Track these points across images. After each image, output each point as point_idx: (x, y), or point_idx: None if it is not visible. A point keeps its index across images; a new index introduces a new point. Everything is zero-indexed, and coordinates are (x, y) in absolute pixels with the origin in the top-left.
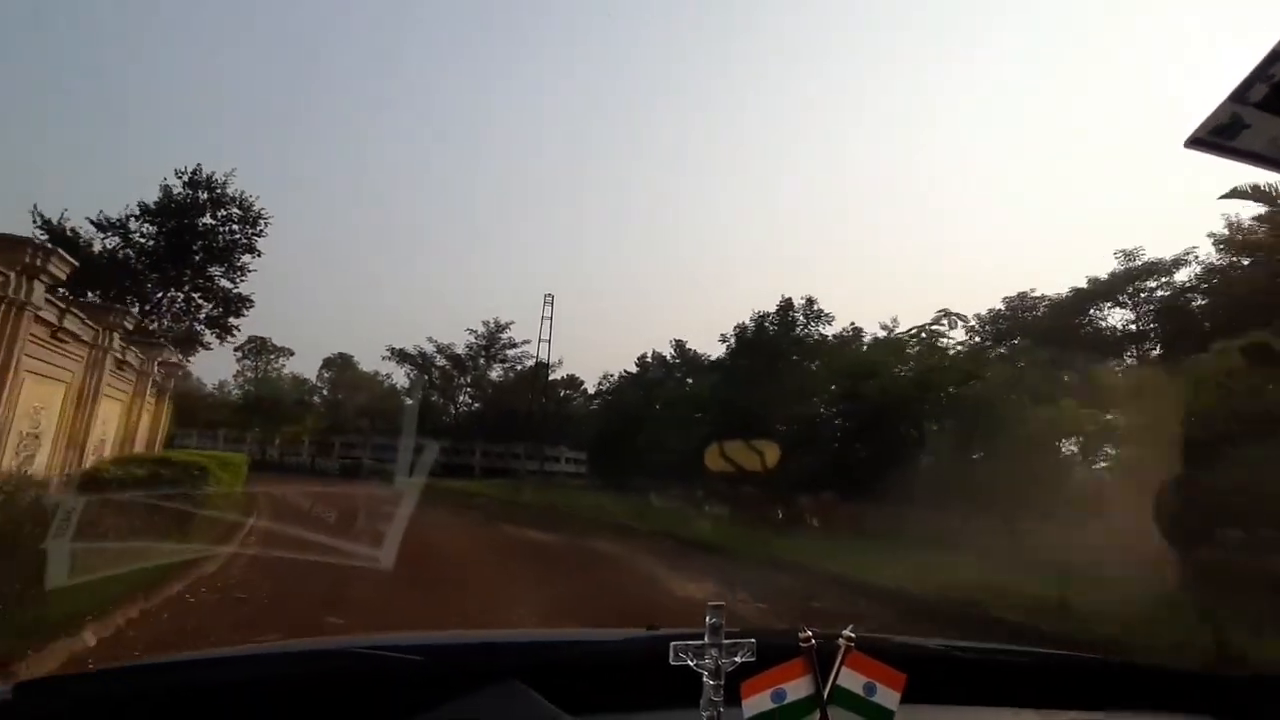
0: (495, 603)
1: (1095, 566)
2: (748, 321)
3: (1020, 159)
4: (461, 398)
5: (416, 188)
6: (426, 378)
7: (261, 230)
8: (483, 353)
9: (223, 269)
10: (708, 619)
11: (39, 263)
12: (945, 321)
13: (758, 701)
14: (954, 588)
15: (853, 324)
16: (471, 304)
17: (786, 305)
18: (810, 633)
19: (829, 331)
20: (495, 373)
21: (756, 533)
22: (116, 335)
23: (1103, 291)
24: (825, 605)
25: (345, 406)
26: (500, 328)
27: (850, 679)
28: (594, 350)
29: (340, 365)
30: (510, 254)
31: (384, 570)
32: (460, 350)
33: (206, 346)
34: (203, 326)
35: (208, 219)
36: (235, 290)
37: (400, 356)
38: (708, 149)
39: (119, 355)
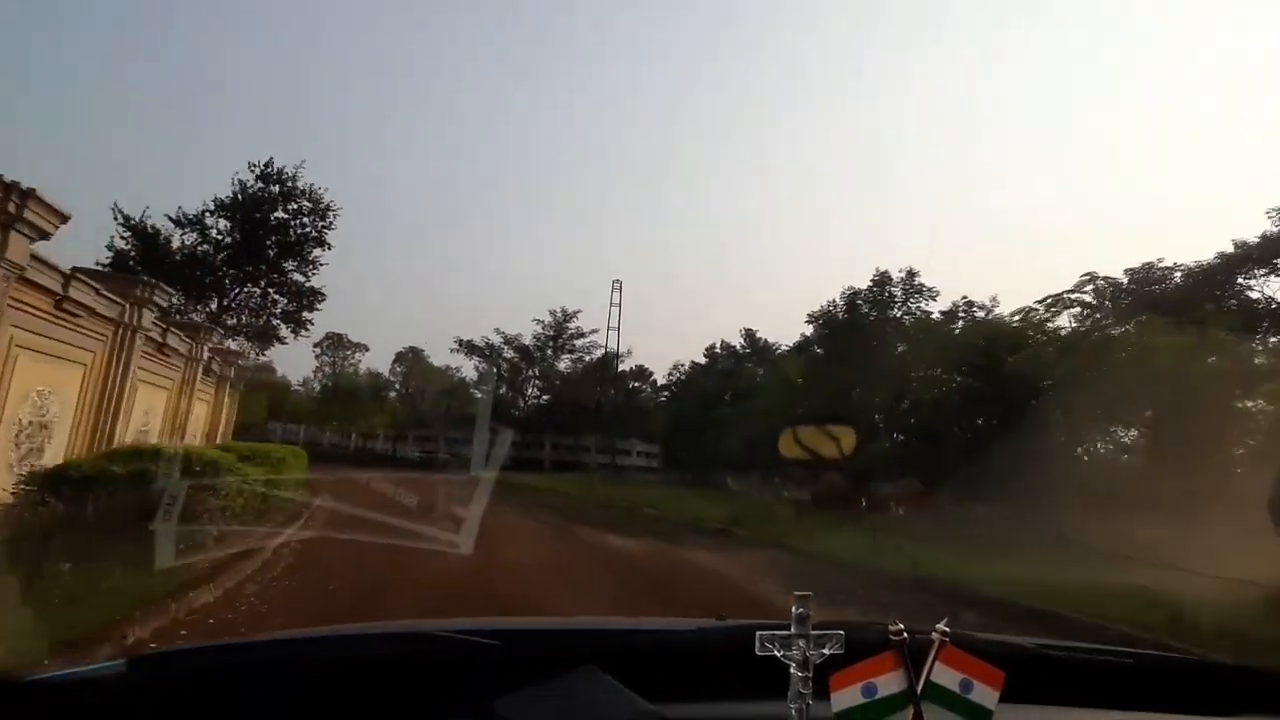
0: None
1: None
2: (837, 299)
3: (1129, 112)
4: (529, 390)
5: (483, 175)
6: (495, 370)
7: (331, 223)
8: (550, 343)
9: (295, 263)
10: (794, 609)
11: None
12: (1090, 289)
13: (847, 695)
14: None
15: (964, 298)
16: (539, 293)
17: (882, 280)
18: (901, 626)
19: (932, 307)
20: (563, 363)
21: (881, 540)
22: (147, 311)
23: (1259, 257)
24: None
25: (418, 399)
26: (567, 317)
27: (945, 675)
28: (661, 341)
29: (411, 359)
30: (577, 242)
31: (464, 554)
32: (527, 341)
33: (282, 341)
34: (278, 321)
35: (280, 213)
36: (308, 284)
37: (468, 349)
38: (774, 128)
39: (156, 337)
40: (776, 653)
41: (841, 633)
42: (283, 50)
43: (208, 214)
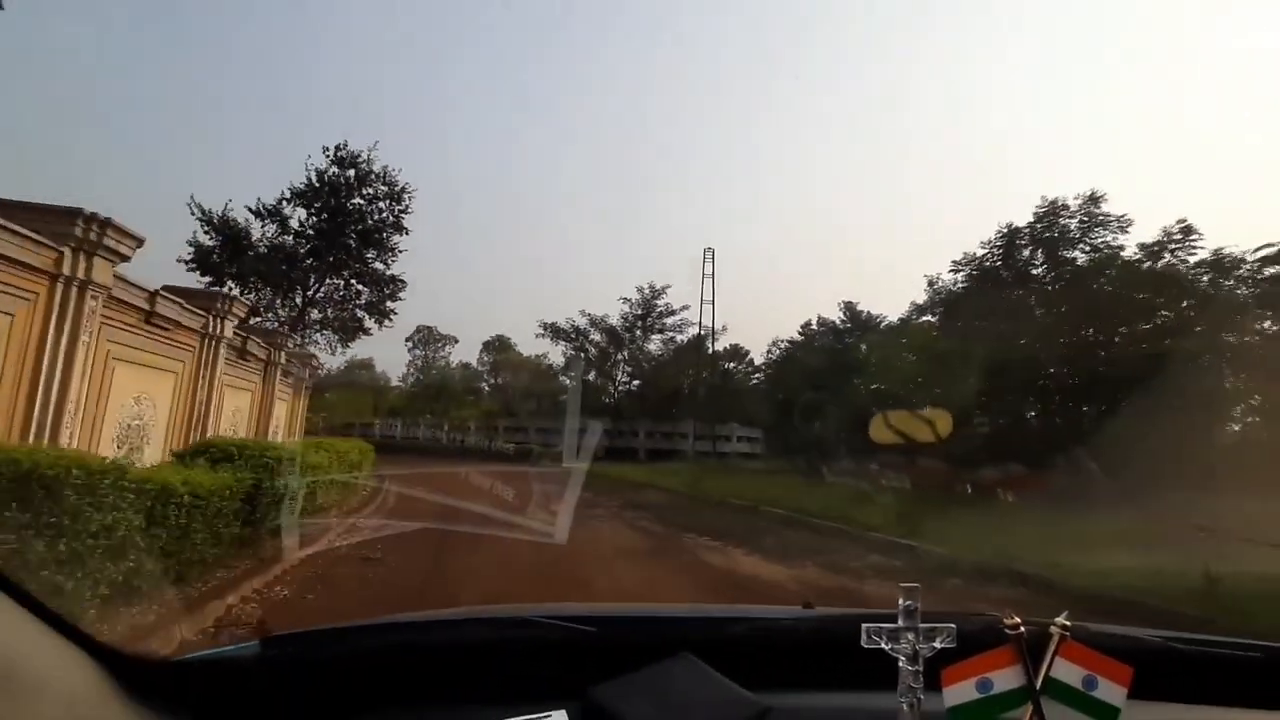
0: None
1: None
2: (992, 239)
3: None
4: (619, 375)
5: (565, 149)
6: (582, 355)
7: (407, 206)
8: (638, 323)
9: (375, 251)
10: (902, 601)
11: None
12: None
13: (961, 690)
14: None
15: (1180, 222)
16: (626, 271)
17: (1051, 210)
18: (1018, 619)
19: (1123, 241)
20: (653, 344)
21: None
22: (227, 322)
23: None
24: None
25: (507, 389)
26: (656, 293)
27: (1066, 670)
28: (754, 319)
29: (499, 348)
30: (661, 217)
31: (559, 545)
32: (615, 321)
33: (367, 332)
34: (362, 312)
35: (357, 199)
36: (388, 272)
37: (554, 332)
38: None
39: (237, 345)
40: (884, 645)
41: (953, 626)
42: (354, 30)
43: (285, 202)
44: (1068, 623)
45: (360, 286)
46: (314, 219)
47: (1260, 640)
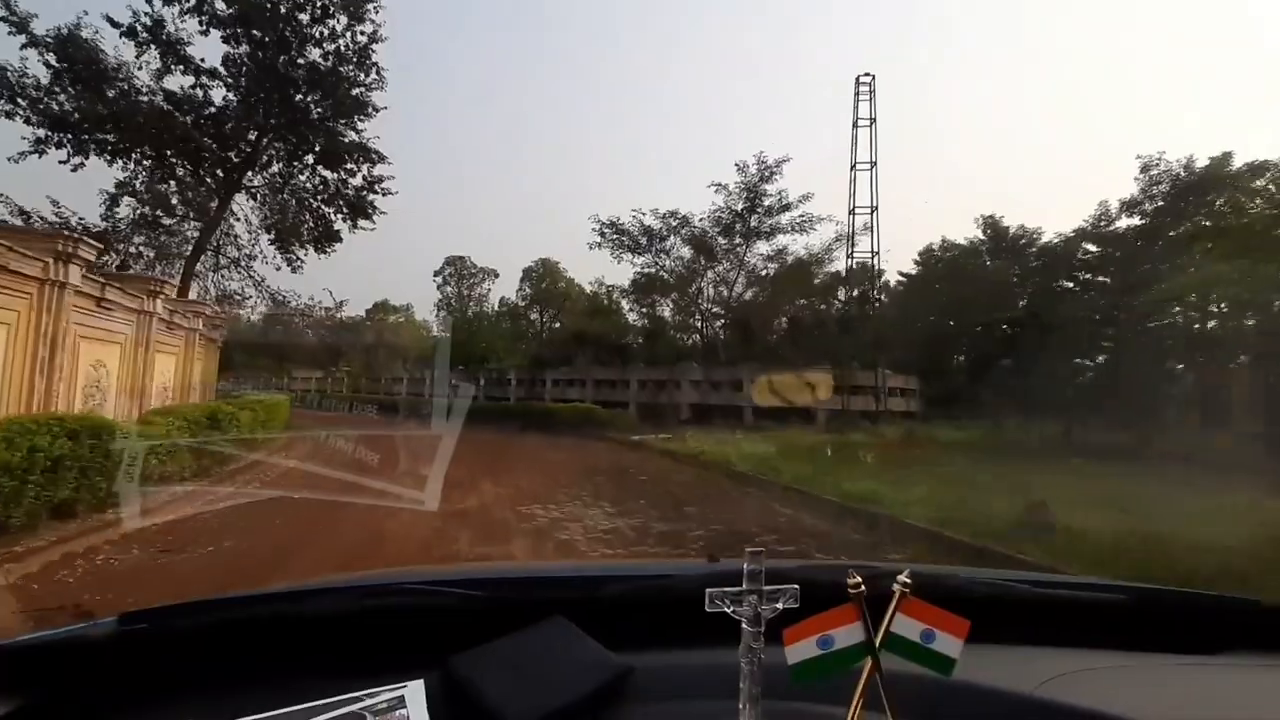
0: None
1: None
2: None
3: None
4: (708, 299)
5: None
6: (654, 269)
7: (377, 33)
8: (738, 220)
9: (338, 114)
10: (745, 565)
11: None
12: None
13: (802, 648)
14: None
15: None
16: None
17: None
18: (860, 578)
19: None
20: (763, 249)
21: None
22: (74, 266)
23: None
24: None
25: (557, 329)
26: (768, 171)
27: (906, 626)
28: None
29: (541, 274)
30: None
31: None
32: (703, 222)
33: (334, 239)
34: (329, 210)
35: (303, 18)
36: (360, 140)
37: (614, 235)
38: None
39: (92, 292)
40: (727, 609)
41: (796, 588)
42: None
43: (184, 18)
44: (908, 579)
45: (324, 171)
46: (245, 62)
47: (1093, 579)
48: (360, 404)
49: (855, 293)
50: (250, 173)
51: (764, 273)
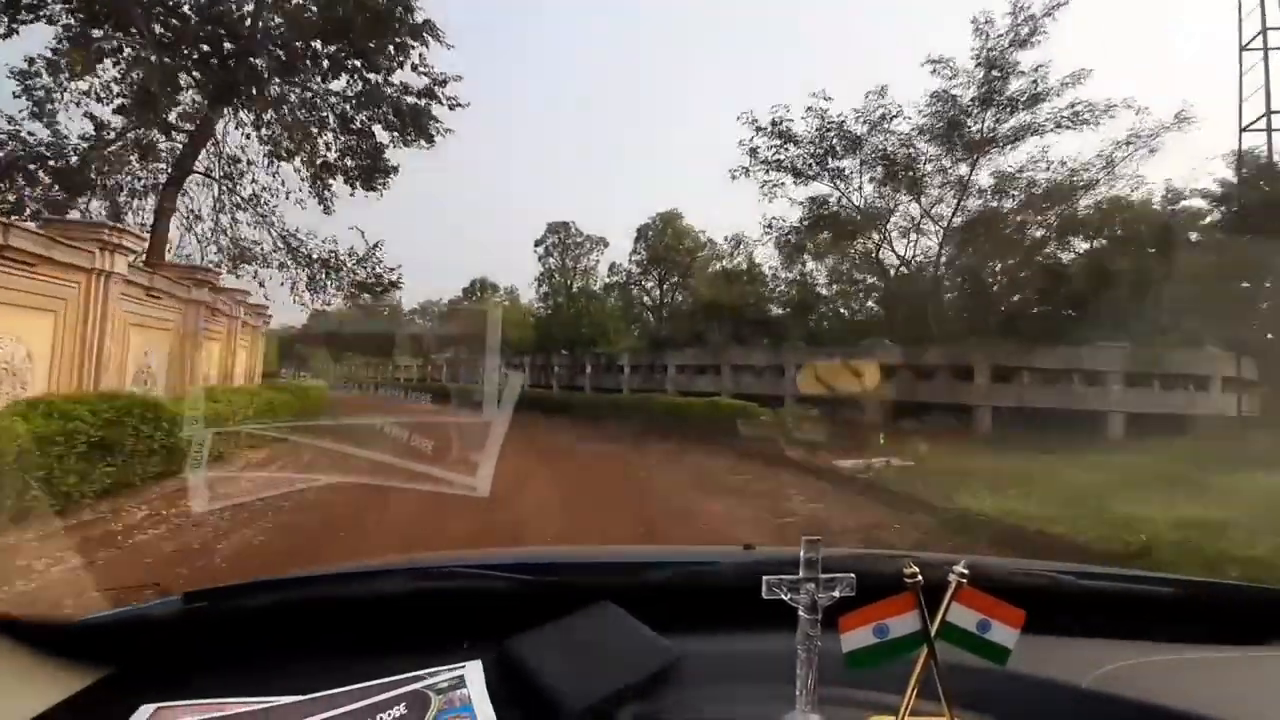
0: None
1: None
2: None
3: None
4: (921, 234)
5: None
6: (833, 200)
7: None
8: (965, 118)
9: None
10: (802, 554)
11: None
12: None
13: (858, 636)
14: None
15: None
16: None
17: None
18: (916, 568)
19: None
20: (1012, 157)
21: None
22: (119, 257)
23: None
24: None
25: (680, 301)
26: (1026, 30)
27: (961, 615)
28: None
29: (659, 229)
30: None
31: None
32: (909, 119)
33: (382, 169)
34: (380, 128)
35: None
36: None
37: (776, 142)
38: None
39: (141, 281)
40: (784, 596)
41: (853, 576)
42: None
43: None
44: (965, 570)
45: (367, 75)
46: None
47: (1142, 572)
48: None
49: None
50: (255, 65)
51: (1013, 195)
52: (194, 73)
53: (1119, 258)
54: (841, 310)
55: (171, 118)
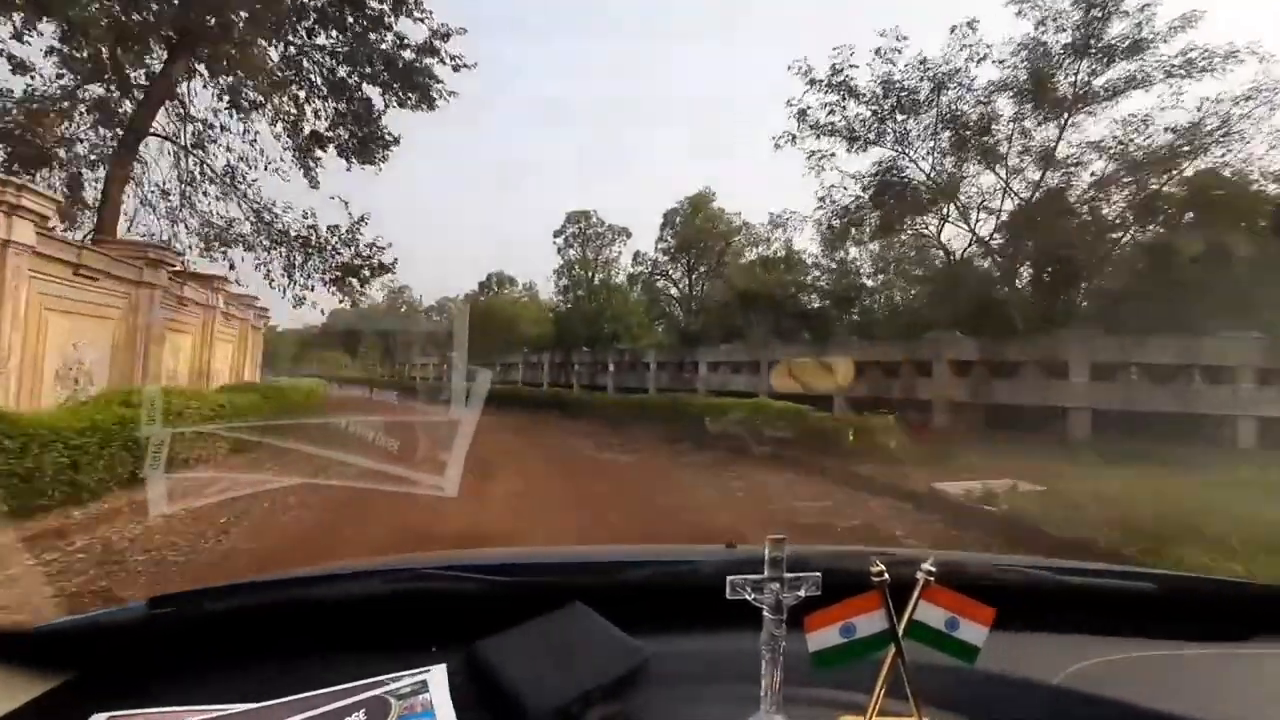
0: None
1: None
2: None
3: None
4: (997, 209)
5: None
6: (896, 164)
7: None
8: (1069, 59)
9: None
10: (767, 552)
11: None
12: None
13: (824, 635)
14: None
15: None
16: None
17: None
18: (883, 566)
19: None
20: (1110, 115)
21: None
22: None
23: None
24: None
25: (711, 293)
26: None
27: (929, 613)
28: None
29: (688, 214)
30: None
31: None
32: (993, 62)
33: (386, 143)
34: (379, 90)
35: None
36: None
37: (835, 98)
38: None
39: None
40: (749, 596)
41: (818, 575)
42: None
43: None
44: (932, 567)
45: (361, 29)
46: None
47: (1120, 567)
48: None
49: None
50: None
51: (1110, 159)
52: (150, 16)
53: (1241, 232)
54: (900, 298)
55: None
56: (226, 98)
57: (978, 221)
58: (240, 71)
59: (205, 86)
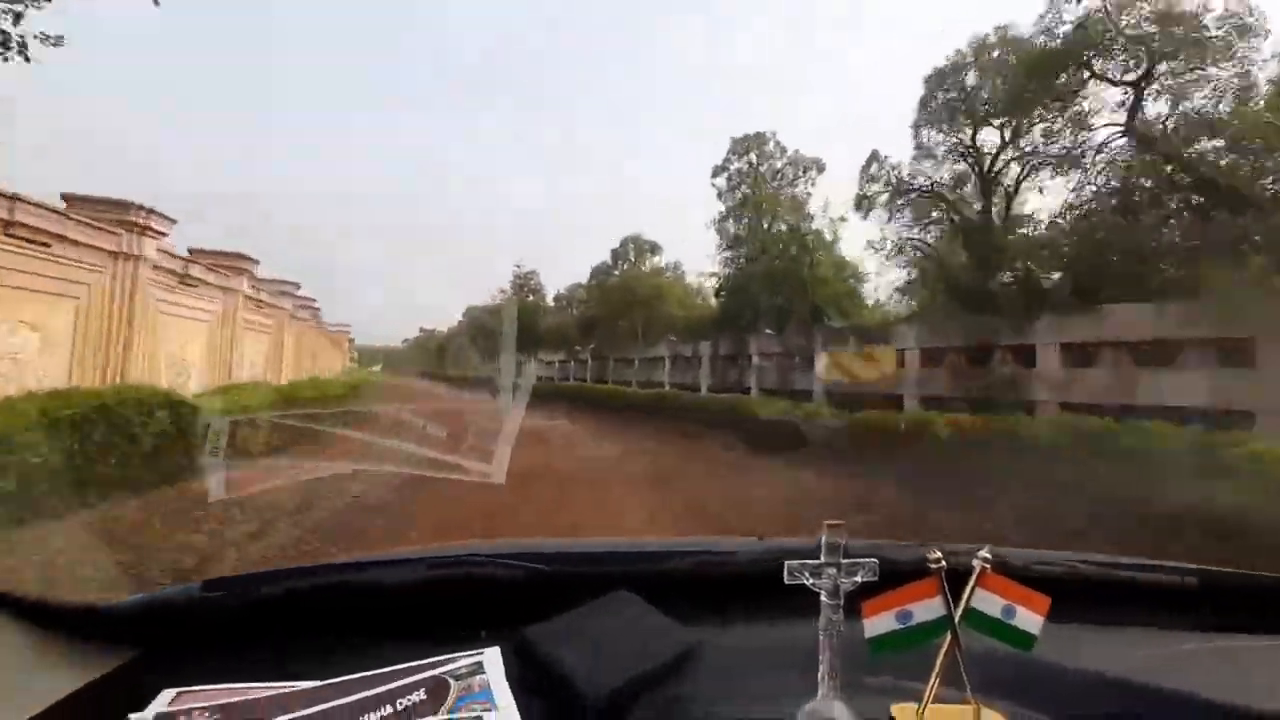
0: None
1: None
2: None
3: None
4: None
5: None
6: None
7: None
8: None
9: None
10: (824, 538)
11: None
12: None
13: (881, 621)
14: None
15: None
16: None
17: None
18: (940, 553)
19: None
20: None
21: None
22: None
23: None
24: None
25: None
26: None
27: (986, 601)
28: None
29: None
30: None
31: None
32: None
33: None
34: None
35: None
36: None
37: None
38: None
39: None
40: (806, 581)
41: (875, 561)
42: None
43: None
44: (989, 555)
45: None
46: None
47: (1164, 562)
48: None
49: None
50: None
51: None
52: None
53: None
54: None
55: None
56: None
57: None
58: None
59: None
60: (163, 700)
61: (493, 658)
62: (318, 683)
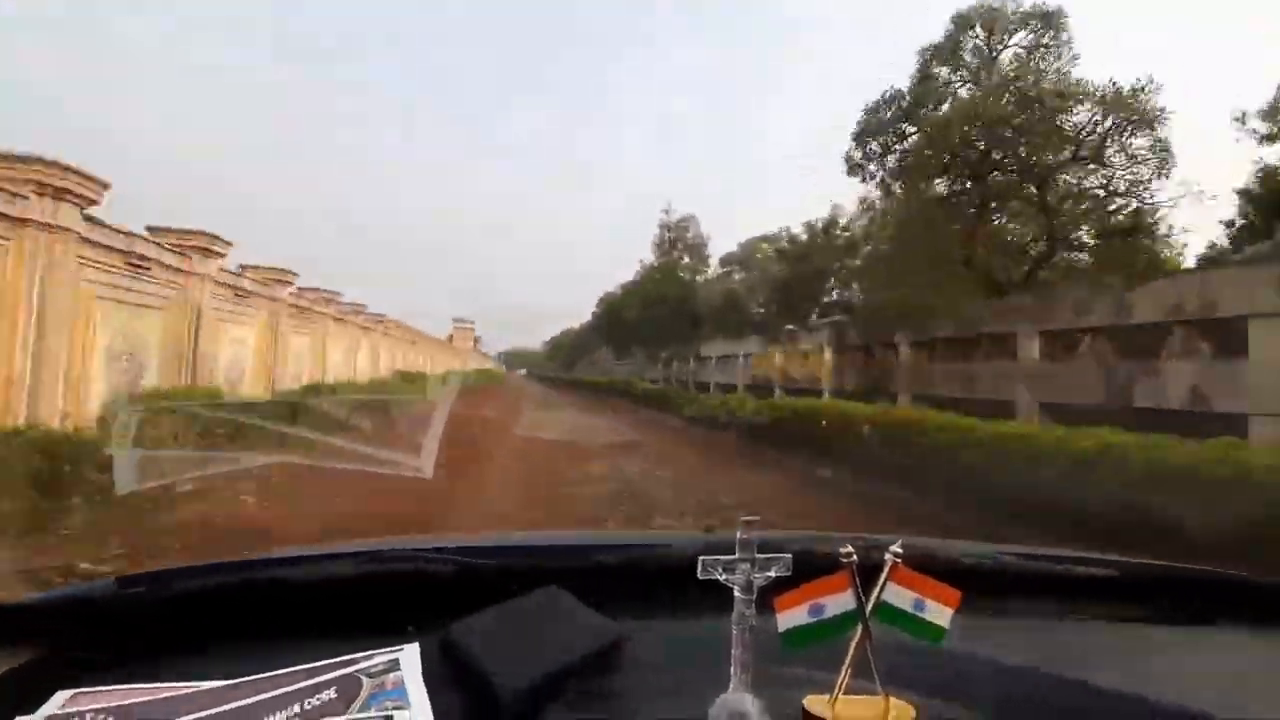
0: None
1: None
2: None
3: None
4: None
5: None
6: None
7: None
8: None
9: None
10: (739, 534)
11: None
12: None
13: (793, 615)
14: None
15: None
16: None
17: None
18: (852, 548)
19: None
20: None
21: None
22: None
23: None
24: None
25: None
26: None
27: (897, 594)
28: None
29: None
30: None
31: None
32: None
33: None
34: None
35: None
36: None
37: None
38: None
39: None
40: (719, 576)
41: (789, 556)
42: None
43: None
44: (900, 549)
45: None
46: None
47: (1084, 553)
48: None
49: None
50: None
51: None
52: None
53: None
54: None
55: None
56: None
57: None
58: None
59: None
60: (56, 702)
61: (410, 654)
62: (223, 682)
